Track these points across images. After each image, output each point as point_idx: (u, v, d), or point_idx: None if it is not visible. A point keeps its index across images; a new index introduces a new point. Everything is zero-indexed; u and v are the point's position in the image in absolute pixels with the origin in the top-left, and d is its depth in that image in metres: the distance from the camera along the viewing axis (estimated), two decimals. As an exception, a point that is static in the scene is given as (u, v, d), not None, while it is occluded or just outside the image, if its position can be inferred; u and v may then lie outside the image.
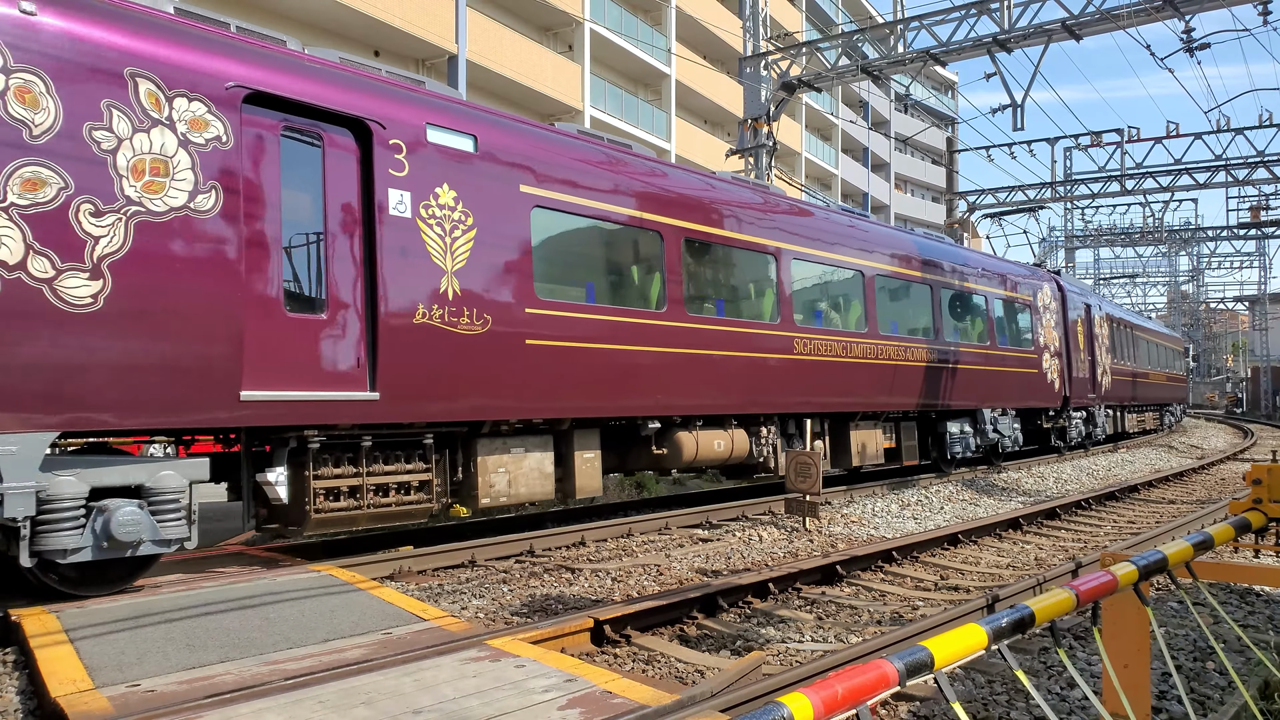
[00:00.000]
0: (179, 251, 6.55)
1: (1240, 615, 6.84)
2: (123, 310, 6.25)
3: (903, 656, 2.15)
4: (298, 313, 7.28)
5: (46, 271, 5.93)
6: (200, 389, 6.62)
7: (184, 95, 6.66)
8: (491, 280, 8.57)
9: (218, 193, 6.79)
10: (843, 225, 13.95)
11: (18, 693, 5.01)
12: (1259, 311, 65.15)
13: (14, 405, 5.83)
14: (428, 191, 8.11)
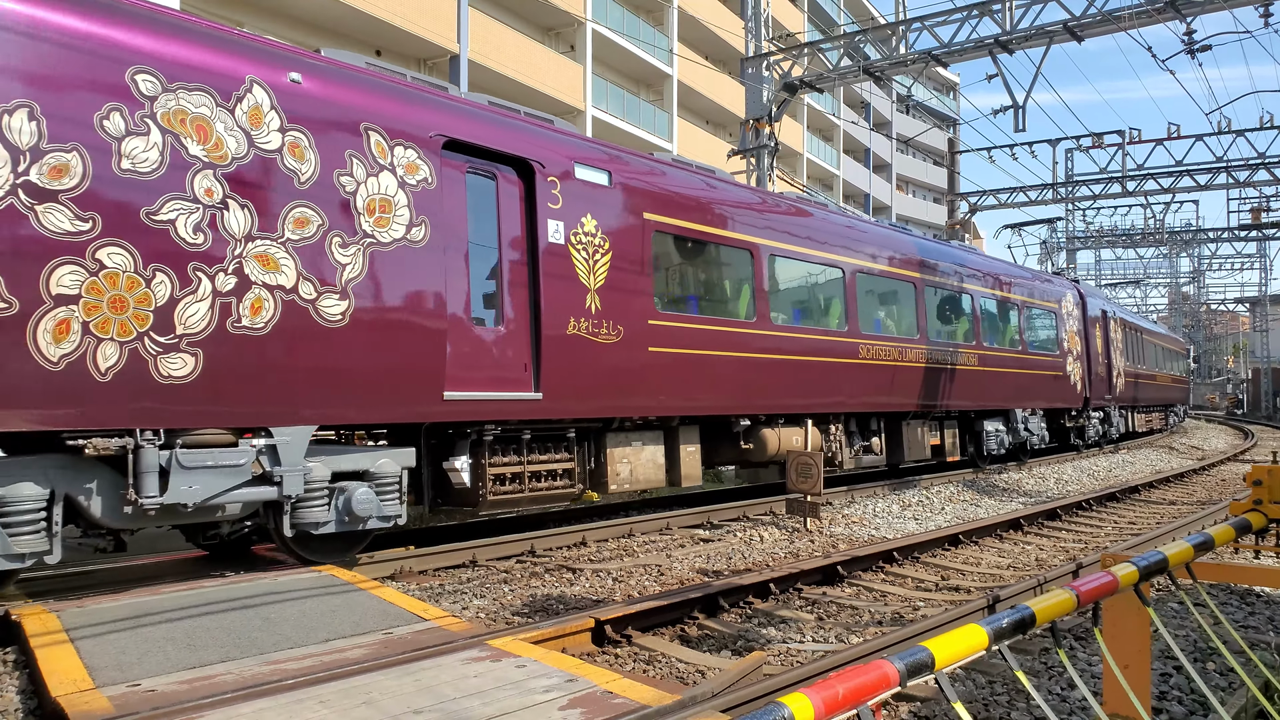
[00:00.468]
0: (401, 276, 7.81)
1: (1241, 616, 6.84)
2: (362, 326, 7.51)
3: (903, 657, 2.15)
4: (481, 326, 8.56)
5: (311, 294, 7.19)
6: (416, 390, 7.87)
7: (401, 144, 7.92)
8: (623, 296, 9.85)
9: (426, 226, 8.03)
10: (898, 241, 15.35)
11: (18, 692, 5.01)
12: (1260, 313, 65.10)
13: (289, 403, 7.04)
14: (576, 220, 9.40)
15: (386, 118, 7.84)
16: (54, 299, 5.97)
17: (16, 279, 5.82)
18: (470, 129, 8.53)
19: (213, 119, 6.77)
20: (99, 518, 6.44)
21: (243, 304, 6.82)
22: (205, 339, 6.63)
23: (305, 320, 7.13)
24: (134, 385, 6.30)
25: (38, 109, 5.97)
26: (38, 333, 5.91)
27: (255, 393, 6.90)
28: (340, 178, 7.45)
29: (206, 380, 6.62)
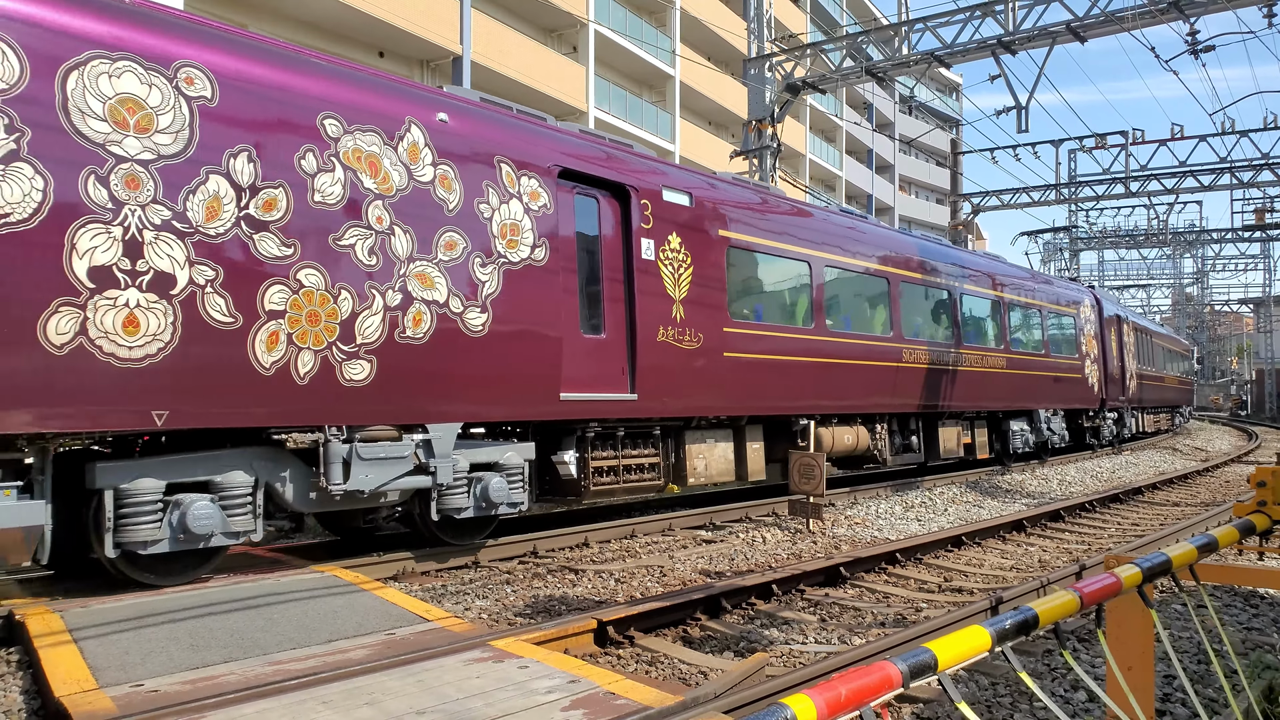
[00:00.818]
0: (527, 291, 8.80)
1: (1245, 618, 6.83)
2: (498, 335, 8.51)
3: (906, 658, 2.15)
4: (588, 334, 9.53)
5: (459, 308, 8.20)
6: (540, 391, 8.86)
7: (526, 174, 8.92)
8: (702, 306, 10.81)
9: (545, 246, 9.03)
10: (935, 251, 16.43)
11: (22, 692, 5.02)
12: (1264, 314, 65.04)
13: (442, 403, 8.08)
14: (663, 239, 10.41)
15: (514, 151, 8.87)
16: (267, 314, 6.94)
17: (240, 298, 6.77)
18: (579, 159, 9.57)
19: (381, 156, 7.77)
20: (290, 502, 7.44)
21: (406, 317, 7.84)
22: (378, 348, 7.63)
23: (454, 331, 8.20)
24: (324, 388, 7.28)
25: (254, 152, 6.93)
26: (255, 343, 6.89)
27: (415, 394, 7.92)
28: (479, 205, 8.47)
29: (378, 383, 7.62)
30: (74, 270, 6.03)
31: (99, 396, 6.14)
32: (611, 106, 32.10)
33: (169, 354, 6.44)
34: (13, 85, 5.85)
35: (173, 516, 6.61)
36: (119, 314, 6.22)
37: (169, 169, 6.49)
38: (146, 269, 6.35)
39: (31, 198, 5.87)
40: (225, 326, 6.72)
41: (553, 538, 9.73)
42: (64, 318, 5.98)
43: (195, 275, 6.60)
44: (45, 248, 5.89)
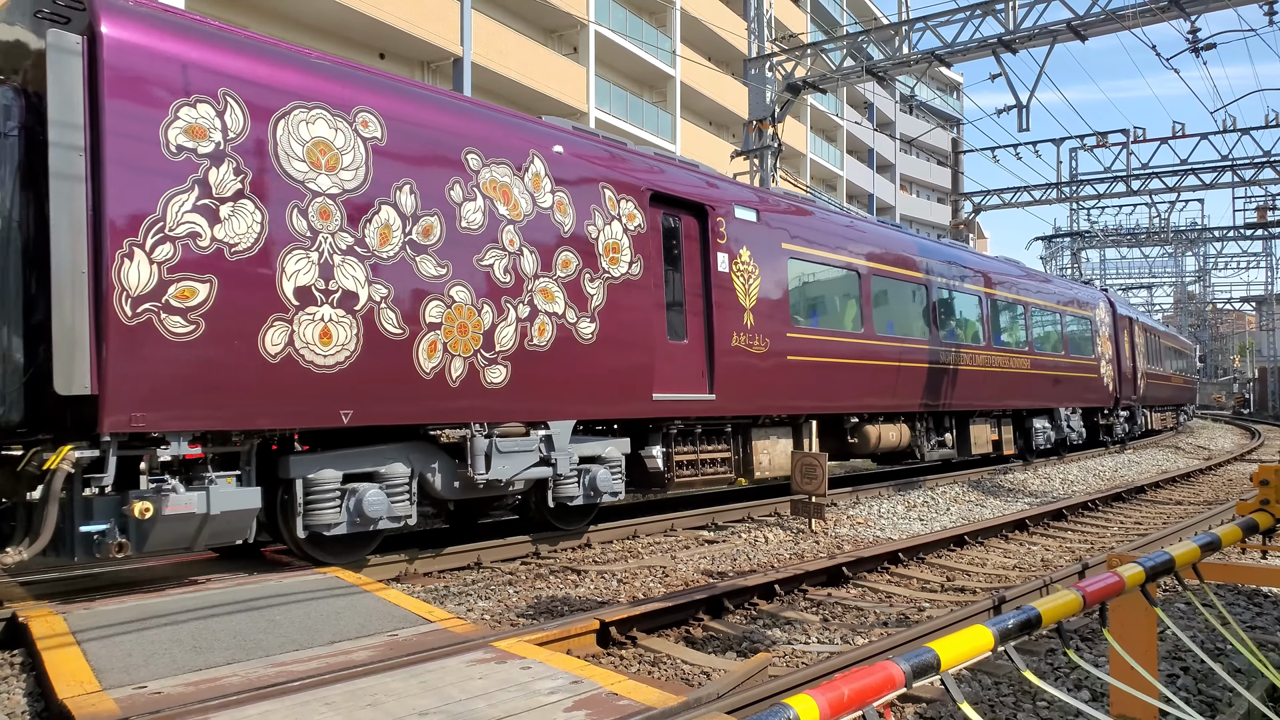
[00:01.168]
0: (626, 303, 9.81)
1: (1248, 616, 6.82)
2: (604, 342, 9.52)
3: (909, 658, 2.15)
4: (674, 340, 10.48)
5: (573, 319, 9.22)
6: (637, 392, 9.86)
7: (624, 197, 9.98)
8: (768, 314, 11.75)
9: (640, 262, 10.06)
10: (967, 258, 17.62)
11: (25, 694, 5.02)
12: (1266, 312, 64.99)
13: (560, 402, 9.08)
14: (735, 252, 11.38)
15: (615, 176, 9.93)
16: (427, 326, 7.93)
17: (406, 312, 7.76)
18: (667, 182, 10.63)
19: (511, 185, 8.77)
20: (439, 490, 8.40)
21: (533, 327, 8.85)
22: (512, 354, 8.65)
23: (570, 339, 9.23)
24: (470, 390, 8.27)
25: (414, 185, 7.92)
26: (419, 351, 7.85)
27: (540, 395, 8.91)
28: (588, 226, 9.49)
29: (512, 385, 8.62)
30: (284, 290, 7.01)
31: (302, 398, 7.11)
32: (612, 107, 32.11)
33: (354, 361, 7.43)
34: (239, 134, 6.85)
35: (349, 503, 7.62)
36: (317, 327, 7.21)
37: (351, 201, 7.50)
38: (336, 288, 7.35)
39: (252, 229, 6.86)
40: (396, 337, 7.73)
41: (554, 538, 9.73)
42: (277, 331, 6.95)
43: (373, 293, 7.59)
44: (265, 272, 6.92)
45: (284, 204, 7.05)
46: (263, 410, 6.89)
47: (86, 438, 6.20)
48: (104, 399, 6.11)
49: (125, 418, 6.20)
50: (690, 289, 10.78)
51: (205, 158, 6.67)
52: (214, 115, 6.75)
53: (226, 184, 6.77)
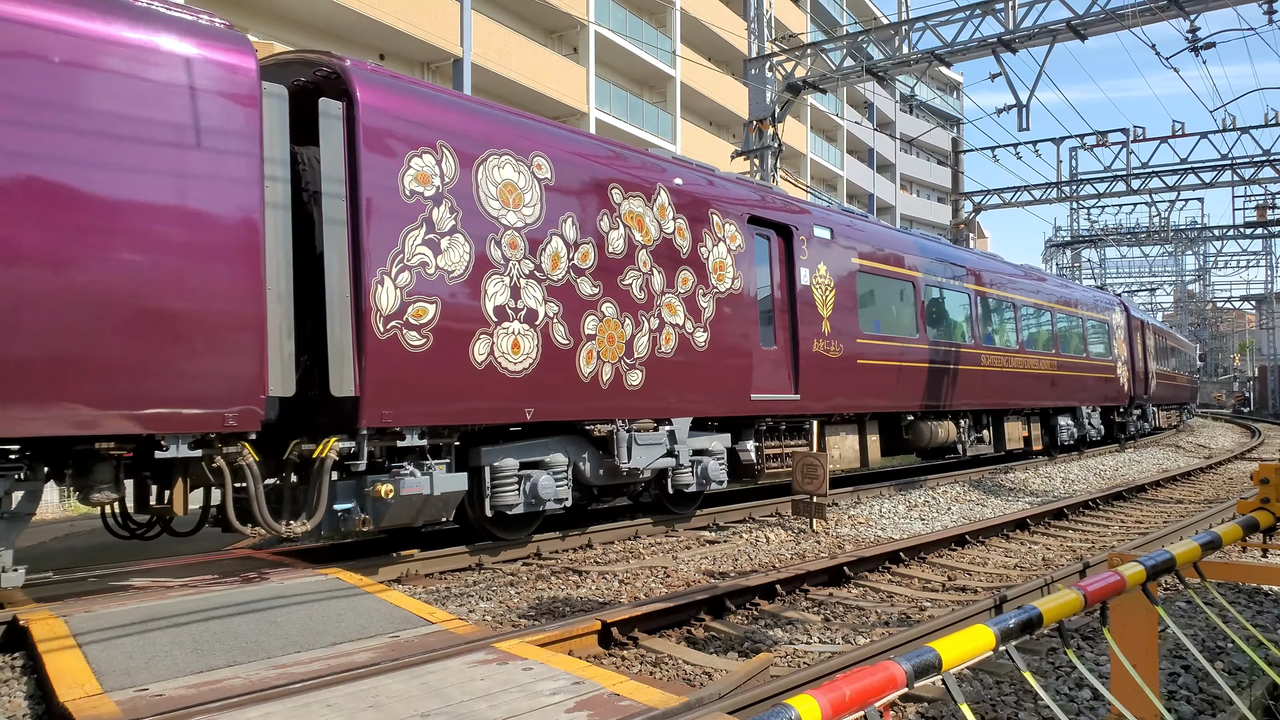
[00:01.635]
0: (731, 314, 11.10)
1: (1249, 615, 6.82)
2: (714, 349, 10.81)
3: (910, 658, 2.15)
4: (765, 347, 11.74)
5: (691, 329, 10.55)
6: (739, 393, 11.17)
7: (728, 221, 11.26)
8: (842, 322, 13.04)
9: (740, 278, 11.32)
10: (1001, 268, 19.11)
11: (26, 697, 5.02)
12: (1266, 310, 64.97)
13: (680, 402, 10.41)
14: (814, 267, 12.66)
15: (721, 203, 11.22)
16: (585, 337, 9.25)
17: (571, 326, 9.11)
18: (760, 207, 11.93)
19: (644, 214, 10.11)
20: (588, 477, 9.71)
21: (661, 337, 10.19)
22: (646, 361, 9.98)
23: (689, 347, 10.53)
24: (616, 391, 9.62)
25: (575, 217, 9.24)
26: (580, 359, 9.20)
27: (666, 395, 10.24)
28: (700, 248, 10.80)
29: (646, 387, 9.97)
30: (486, 309, 8.33)
31: (500, 398, 8.47)
32: (612, 107, 32.11)
33: (534, 368, 8.75)
34: (451, 179, 8.13)
35: (525, 486, 8.92)
36: (509, 339, 8.53)
37: (530, 233, 8.80)
38: (522, 306, 8.67)
39: (464, 258, 8.17)
40: (564, 347, 9.06)
41: (556, 539, 9.73)
42: (482, 343, 8.26)
43: (548, 310, 8.92)
44: (473, 294, 8.22)
45: (484, 237, 8.38)
46: (473, 408, 8.29)
47: (343, 432, 7.44)
48: (363, 399, 7.37)
49: (378, 415, 7.51)
50: (778, 301, 12.14)
51: (429, 199, 7.96)
52: (434, 163, 8.04)
53: (445, 221, 8.09)
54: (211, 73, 6.67)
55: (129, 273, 6.12)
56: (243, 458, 6.87)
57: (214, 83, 6.68)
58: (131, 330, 6.12)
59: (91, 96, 6.08)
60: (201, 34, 6.71)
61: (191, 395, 6.43)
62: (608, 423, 9.74)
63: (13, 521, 6.12)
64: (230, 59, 6.83)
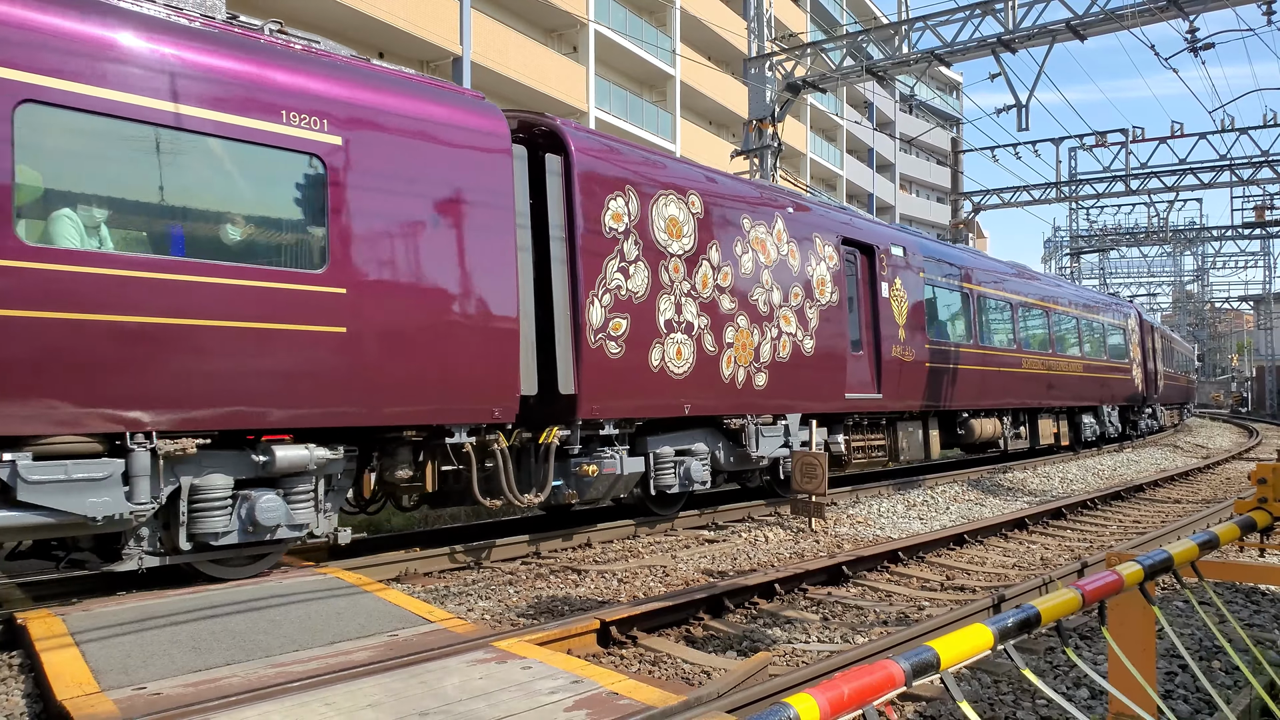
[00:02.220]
0: (829, 324, 12.71)
1: (1246, 614, 6.82)
2: (819, 355, 12.48)
3: (909, 657, 2.15)
4: (854, 352, 13.43)
5: (802, 337, 12.19)
6: (836, 392, 12.82)
7: (828, 244, 12.93)
8: (913, 330, 14.80)
9: (837, 293, 12.97)
10: (1036, 279, 21.01)
11: (24, 696, 5.02)
12: (1264, 311, 64.96)
13: (791, 400, 12.02)
14: (891, 281, 14.38)
15: (822, 228, 12.86)
16: (725, 345, 10.94)
17: (716, 336, 10.81)
18: (850, 229, 13.63)
19: (766, 239, 11.72)
20: (721, 463, 11.30)
21: (779, 344, 11.79)
22: (768, 365, 11.58)
23: (799, 352, 12.15)
24: (747, 391, 11.27)
25: (718, 244, 10.94)
26: (722, 364, 10.89)
27: (782, 394, 11.80)
28: (807, 267, 12.40)
29: (768, 388, 11.60)
30: (658, 323, 10.06)
31: (667, 396, 10.19)
32: (612, 106, 32.10)
33: (691, 371, 10.45)
34: (635, 216, 9.85)
35: (680, 470, 10.54)
36: (674, 348, 10.25)
37: (688, 258, 10.51)
38: (683, 320, 10.39)
39: (644, 282, 9.90)
40: (711, 354, 10.73)
41: (555, 538, 9.73)
42: (656, 350, 9.99)
43: (700, 323, 10.61)
44: (650, 310, 9.98)
45: (657, 263, 10.12)
46: (649, 404, 9.99)
47: (560, 423, 9.19)
48: (580, 397, 9.16)
49: (589, 409, 9.26)
50: (863, 311, 13.85)
51: (621, 234, 9.71)
52: (624, 203, 9.77)
53: (631, 251, 9.82)
54: (484, 140, 8.35)
55: (454, 309, 8.00)
56: (497, 443, 8.61)
57: (485, 147, 8.35)
58: (444, 345, 7.92)
59: (424, 165, 7.86)
60: (476, 108, 8.42)
61: (473, 395, 8.15)
62: (740, 417, 11.33)
63: (337, 494, 7.65)
64: (495, 127, 8.47)
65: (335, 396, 7.17)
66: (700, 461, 10.78)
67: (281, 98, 6.97)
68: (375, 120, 7.53)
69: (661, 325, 10.08)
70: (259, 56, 6.95)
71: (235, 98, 6.71)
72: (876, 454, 14.27)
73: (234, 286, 6.62)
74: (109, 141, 6.23)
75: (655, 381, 10.00)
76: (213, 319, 6.52)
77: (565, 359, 9.17)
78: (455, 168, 8.06)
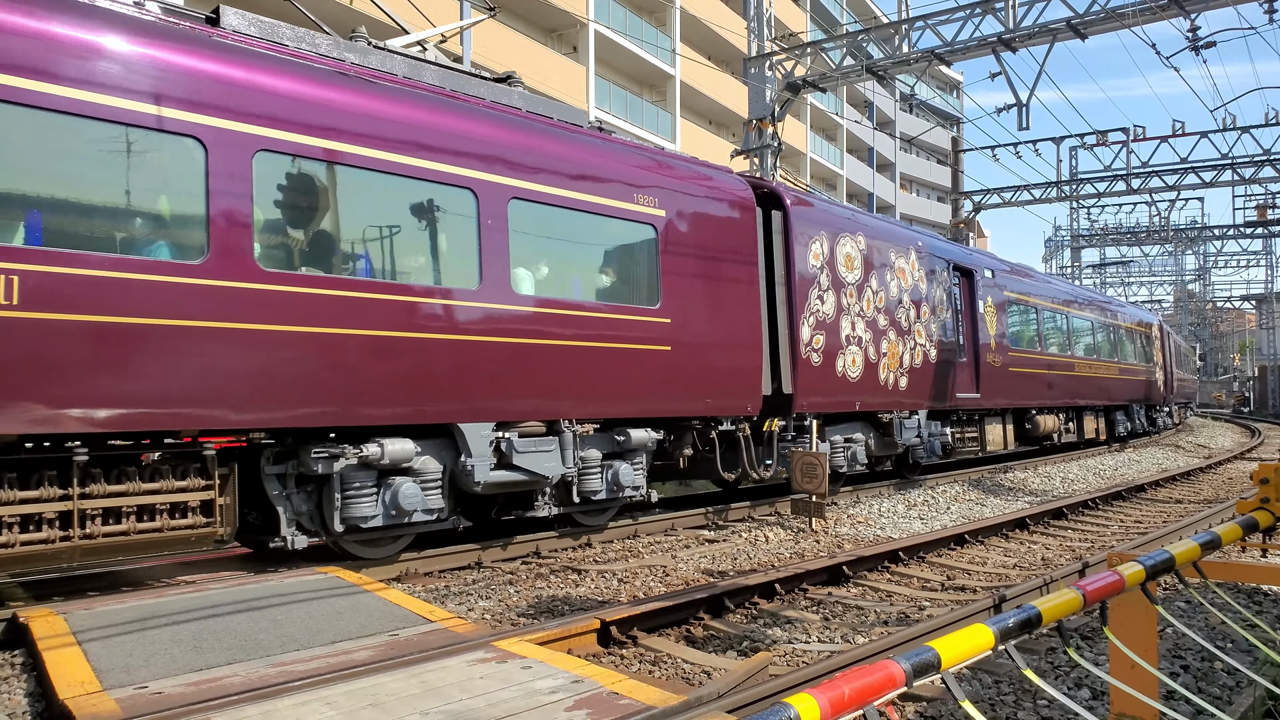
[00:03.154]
0: (946, 337, 15.56)
1: (1249, 615, 6.81)
2: (939, 362, 15.19)
3: (910, 657, 2.15)
4: (960, 359, 16.07)
5: (928, 347, 14.88)
6: (950, 393, 15.56)
7: (946, 269, 15.88)
8: (1000, 339, 17.77)
9: (950, 310, 15.86)
10: (1081, 293, 24.43)
11: (26, 695, 5.03)
12: (1266, 310, 64.94)
13: (923, 399, 14.70)
14: (985, 299, 17.40)
15: (940, 256, 15.82)
16: (882, 354, 13.71)
17: (875, 347, 13.56)
18: (958, 256, 16.65)
19: (905, 268, 14.55)
20: (872, 450, 14.00)
21: (915, 353, 14.59)
22: (907, 370, 14.32)
23: (927, 360, 14.91)
24: (894, 391, 14.01)
25: (876, 273, 13.66)
26: (880, 370, 13.66)
27: (916, 394, 14.59)
28: (932, 290, 15.33)
29: (907, 389, 14.35)
30: (841, 338, 12.76)
31: (844, 395, 12.89)
32: (612, 106, 32.09)
33: (860, 376, 13.17)
34: (826, 255, 12.60)
35: (846, 454, 13.33)
36: (850, 358, 12.97)
37: (857, 286, 13.23)
38: (855, 335, 13.08)
39: (832, 306, 12.63)
40: (873, 362, 13.47)
41: (555, 538, 9.73)
42: (839, 359, 12.72)
43: (865, 337, 13.31)
44: (836, 328, 12.68)
45: (839, 291, 12.85)
46: (834, 401, 12.65)
47: (778, 416, 11.94)
48: (795, 395, 11.95)
49: (801, 404, 12.02)
50: (965, 325, 16.66)
51: (818, 269, 12.46)
52: (820, 246, 12.54)
53: (824, 282, 12.60)
54: (740, 205, 11.38)
55: (727, 330, 10.97)
56: (741, 431, 11.43)
57: (740, 210, 11.36)
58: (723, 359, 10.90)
59: (707, 226, 10.90)
60: (735, 182, 11.52)
61: (737, 394, 11.12)
62: (889, 412, 14.02)
63: (648, 465, 10.45)
64: (747, 195, 11.54)
65: (660, 396, 10.16)
66: (860, 448, 13.62)
67: (635, 187, 10.02)
68: (684, 196, 10.67)
69: (843, 340, 12.86)
70: (622, 155, 10.03)
71: (611, 187, 9.74)
72: (971, 444, 17.01)
73: (617, 319, 9.75)
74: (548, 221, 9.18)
75: (839, 384, 12.78)
76: (605, 342, 9.53)
77: (787, 367, 12.00)
78: (724, 226, 11.15)
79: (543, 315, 8.89)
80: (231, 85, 6.91)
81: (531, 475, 8.84)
